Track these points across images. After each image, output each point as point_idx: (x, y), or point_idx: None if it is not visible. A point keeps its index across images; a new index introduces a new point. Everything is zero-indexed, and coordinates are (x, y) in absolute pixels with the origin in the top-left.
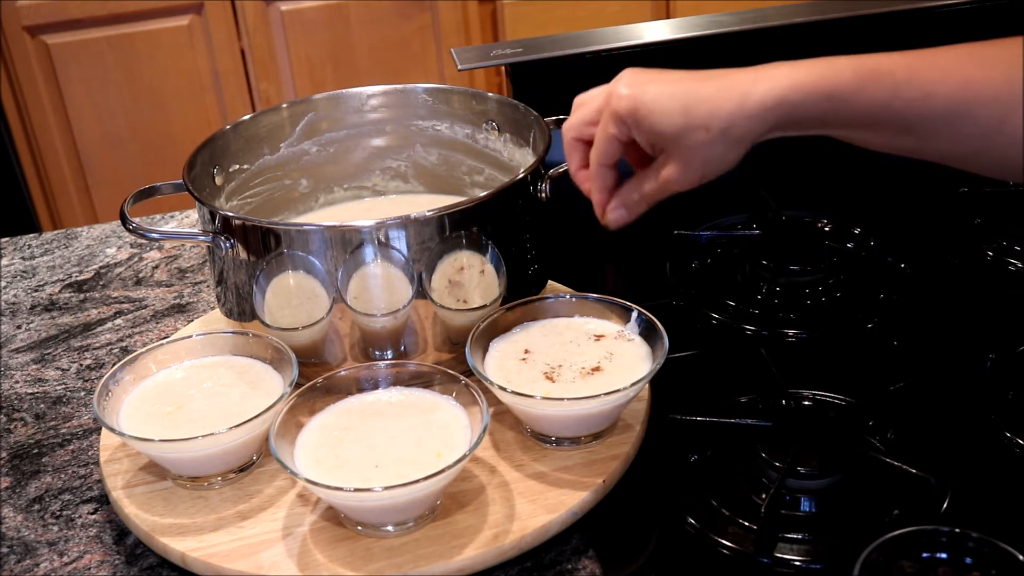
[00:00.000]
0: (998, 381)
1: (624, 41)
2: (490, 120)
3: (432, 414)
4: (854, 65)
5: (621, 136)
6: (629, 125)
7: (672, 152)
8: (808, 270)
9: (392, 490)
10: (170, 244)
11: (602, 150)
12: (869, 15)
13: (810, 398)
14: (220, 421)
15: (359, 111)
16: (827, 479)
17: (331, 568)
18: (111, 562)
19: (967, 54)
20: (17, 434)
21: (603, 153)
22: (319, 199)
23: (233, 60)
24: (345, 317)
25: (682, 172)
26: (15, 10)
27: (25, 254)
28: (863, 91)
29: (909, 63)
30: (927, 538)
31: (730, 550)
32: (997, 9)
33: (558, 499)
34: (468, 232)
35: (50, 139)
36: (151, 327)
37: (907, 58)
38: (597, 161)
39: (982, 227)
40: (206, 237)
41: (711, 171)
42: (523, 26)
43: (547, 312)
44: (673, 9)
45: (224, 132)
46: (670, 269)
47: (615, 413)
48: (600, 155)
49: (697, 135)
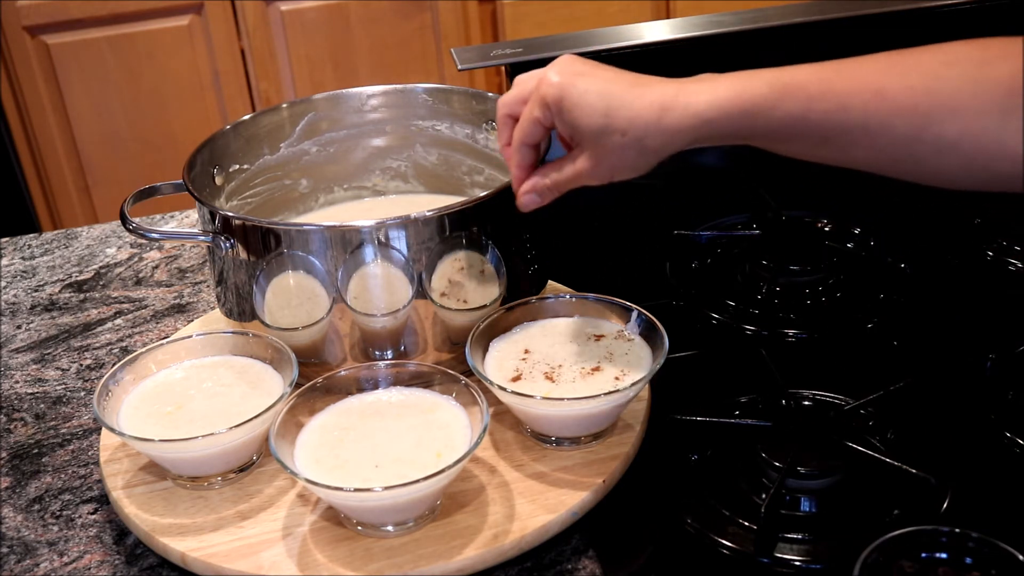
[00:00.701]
0: (998, 381)
1: (624, 41)
2: (490, 120)
3: (432, 414)
4: (769, 80)
5: (544, 121)
6: (553, 113)
7: (587, 147)
8: (808, 270)
9: (392, 490)
10: (170, 244)
11: (525, 130)
12: (869, 15)
13: (810, 398)
14: (220, 421)
15: (359, 111)
16: (827, 479)
17: (331, 568)
18: (111, 562)
19: (885, 64)
20: (17, 434)
21: (525, 133)
22: (319, 199)
23: (233, 60)
24: (345, 317)
25: (593, 168)
26: (15, 10)
27: (25, 254)
28: (778, 106)
29: (824, 76)
30: (927, 538)
31: (730, 550)
32: (997, 9)
33: (558, 499)
34: (468, 232)
35: (50, 139)
36: (151, 327)
37: (823, 71)
38: (519, 139)
39: (982, 227)
40: (206, 237)
41: (621, 173)
42: (523, 26)
43: (547, 312)
44: (673, 9)
45: (224, 132)
46: (670, 269)
47: (615, 413)
48: (522, 134)
49: (613, 138)
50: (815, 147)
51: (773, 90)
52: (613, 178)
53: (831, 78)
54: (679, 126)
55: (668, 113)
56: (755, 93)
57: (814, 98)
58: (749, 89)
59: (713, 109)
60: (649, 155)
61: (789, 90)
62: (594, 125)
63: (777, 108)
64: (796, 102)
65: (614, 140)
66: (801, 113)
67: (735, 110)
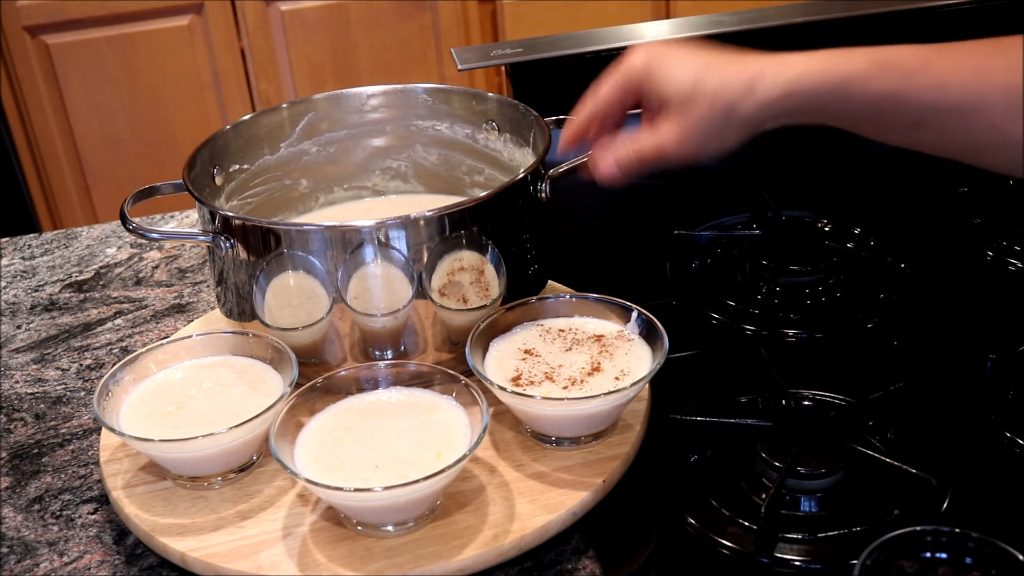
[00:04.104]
0: (998, 381)
1: (624, 41)
2: (490, 120)
3: (432, 414)
4: (866, 54)
5: (627, 88)
6: (639, 80)
7: (675, 118)
8: (808, 270)
9: (392, 490)
10: (170, 244)
11: (602, 93)
12: (869, 15)
13: (810, 398)
14: (220, 421)
15: (359, 111)
16: (827, 479)
17: (331, 568)
18: (111, 562)
19: (983, 45)
20: (17, 434)
21: (601, 97)
22: (319, 199)
23: (233, 60)
24: (345, 317)
25: (678, 139)
26: (15, 10)
27: (25, 254)
28: (873, 80)
29: (923, 54)
30: (927, 538)
31: (730, 550)
32: (997, 9)
33: (558, 499)
34: (468, 232)
35: (50, 139)
36: (151, 327)
37: (923, 50)
38: (592, 100)
39: (982, 227)
40: (206, 237)
41: (707, 146)
42: (523, 26)
43: (547, 312)
44: (673, 9)
45: (224, 132)
46: (670, 269)
47: (615, 413)
48: (598, 98)
49: (701, 106)
50: (909, 130)
51: (869, 63)
52: (699, 152)
53: (930, 56)
54: (769, 96)
55: (759, 82)
56: (850, 66)
57: (911, 74)
58: (844, 61)
59: (806, 78)
60: (737, 126)
61: (887, 64)
62: (682, 91)
63: (872, 82)
64: (892, 77)
65: (702, 108)
66: (897, 89)
67: (828, 82)
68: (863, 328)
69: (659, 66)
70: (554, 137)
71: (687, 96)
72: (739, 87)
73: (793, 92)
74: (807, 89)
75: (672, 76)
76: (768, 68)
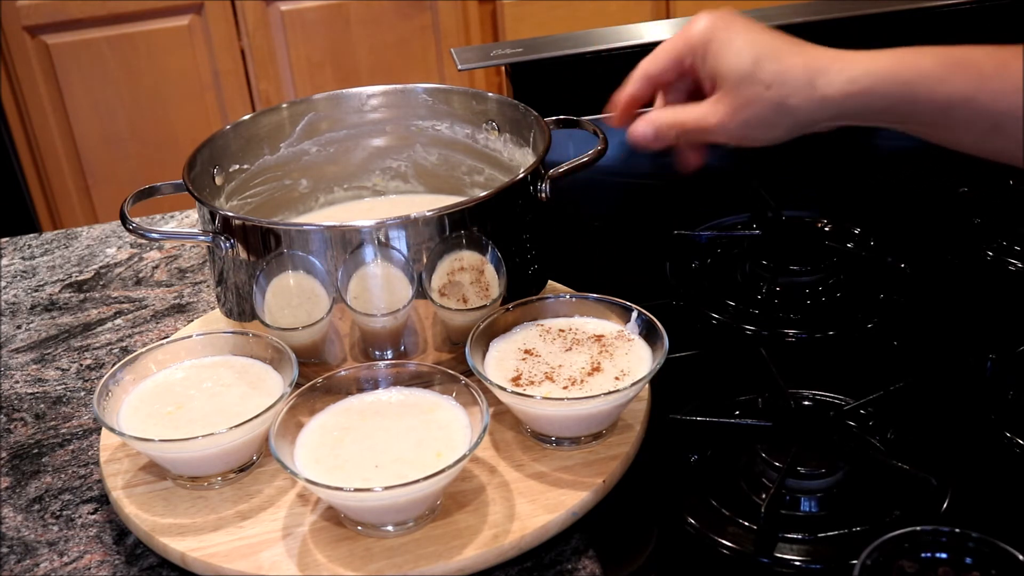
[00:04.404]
0: (998, 381)
1: (624, 41)
2: (490, 120)
3: (432, 414)
4: (937, 53)
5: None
6: (696, 53)
7: (726, 96)
8: (808, 270)
9: (392, 490)
10: (170, 244)
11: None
12: (869, 15)
13: (810, 398)
14: (220, 421)
15: (359, 111)
16: (827, 479)
17: (331, 568)
18: (111, 562)
19: None
20: (17, 434)
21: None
22: (319, 199)
23: (233, 60)
24: (345, 317)
25: (726, 119)
26: (15, 10)
27: (25, 254)
28: (945, 82)
29: (999, 56)
30: (927, 538)
31: (730, 550)
32: (997, 9)
33: (558, 499)
34: (468, 232)
35: (50, 139)
36: (151, 327)
37: (998, 51)
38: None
39: (982, 227)
40: (206, 237)
41: (753, 133)
42: (523, 26)
43: (547, 312)
44: (673, 9)
45: (224, 132)
46: (670, 269)
47: (615, 413)
48: (651, 63)
49: (755, 89)
50: (983, 136)
51: (941, 64)
52: (743, 138)
53: (1007, 58)
54: (828, 91)
55: (820, 75)
56: (919, 65)
57: (986, 77)
58: (913, 61)
59: (870, 76)
60: (789, 119)
61: (959, 65)
62: (739, 70)
63: (944, 84)
64: (966, 79)
65: (756, 91)
66: (970, 93)
67: (895, 82)
68: (863, 328)
69: (720, 39)
70: (554, 137)
71: (742, 76)
72: (798, 79)
73: (855, 91)
74: (871, 89)
75: (731, 52)
76: (831, 63)
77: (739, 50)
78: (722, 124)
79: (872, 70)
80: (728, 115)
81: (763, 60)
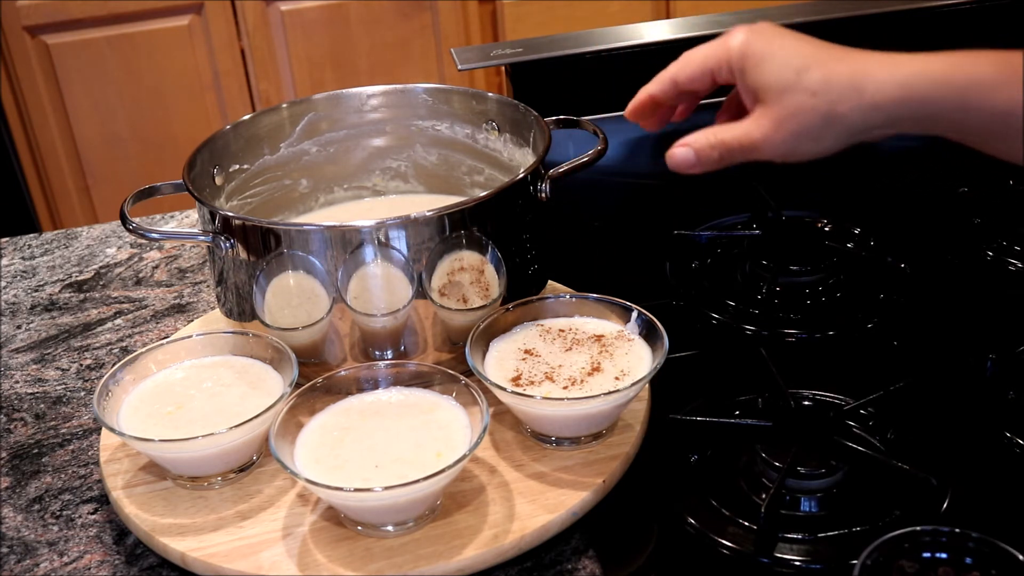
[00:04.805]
0: (998, 381)
1: (624, 41)
2: (490, 120)
3: (432, 414)
4: (993, 59)
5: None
6: (735, 68)
7: (769, 108)
8: (808, 270)
9: (392, 490)
10: (170, 244)
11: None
12: (869, 15)
13: (810, 398)
14: (220, 421)
15: (359, 111)
16: (827, 479)
17: (331, 568)
18: (111, 562)
19: None
20: (17, 434)
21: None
22: (319, 199)
23: (233, 60)
24: (345, 317)
25: (770, 132)
26: (15, 10)
27: (25, 254)
28: (1001, 88)
29: None
30: (927, 538)
31: (730, 550)
32: (997, 9)
33: (558, 499)
34: (468, 232)
35: (50, 139)
36: (151, 327)
37: None
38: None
39: (982, 227)
40: (206, 237)
41: (800, 146)
42: (523, 26)
43: (547, 312)
44: (673, 9)
45: (224, 132)
46: (670, 269)
47: (615, 413)
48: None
49: (800, 98)
50: None
51: (997, 69)
52: (791, 152)
53: None
54: (877, 97)
55: (868, 81)
56: (975, 71)
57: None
58: (967, 65)
59: (921, 80)
60: (837, 128)
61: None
62: (782, 80)
63: (1000, 91)
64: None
65: (801, 101)
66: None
67: (947, 87)
68: (863, 328)
69: (760, 52)
70: (554, 137)
71: (786, 87)
72: (844, 85)
73: (905, 97)
74: (922, 95)
75: (772, 63)
76: (878, 68)
77: (781, 60)
78: (768, 139)
79: (924, 74)
80: (773, 128)
81: (807, 68)
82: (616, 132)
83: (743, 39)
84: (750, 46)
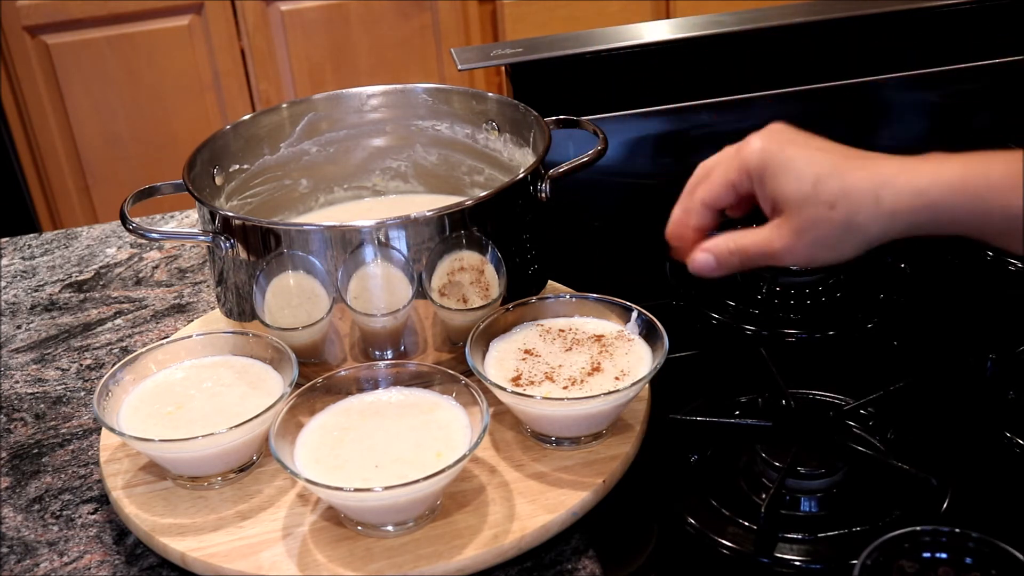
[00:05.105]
0: (998, 381)
1: (624, 41)
2: (490, 120)
3: (432, 414)
4: (1007, 160)
5: (738, 185)
6: (753, 179)
7: (788, 219)
8: (808, 270)
9: (392, 490)
10: (170, 244)
11: (712, 190)
12: (869, 15)
13: (810, 398)
14: (220, 421)
15: (359, 111)
16: (827, 479)
17: (331, 568)
18: (111, 562)
19: None
20: (17, 434)
21: (712, 193)
22: (319, 199)
23: (233, 60)
24: (345, 317)
25: (790, 243)
26: (15, 10)
27: (25, 254)
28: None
29: None
30: (927, 538)
31: (730, 550)
32: (997, 9)
33: (558, 499)
34: (468, 232)
35: (50, 139)
36: (151, 327)
37: None
38: (701, 196)
39: None
40: (206, 237)
41: (821, 255)
42: (523, 26)
43: (547, 312)
44: (673, 9)
45: (224, 132)
46: (670, 269)
47: (615, 413)
48: (707, 193)
49: (819, 210)
50: None
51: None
52: (810, 261)
53: None
54: (896, 206)
55: (886, 189)
56: (989, 174)
57: None
58: (984, 168)
59: (939, 187)
60: (857, 237)
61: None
62: (799, 193)
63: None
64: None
65: (820, 213)
66: None
67: (964, 194)
68: (863, 328)
69: (777, 162)
70: (554, 137)
71: (804, 199)
72: (863, 195)
73: (922, 205)
74: (939, 202)
75: (789, 175)
76: (896, 175)
77: (798, 171)
78: (788, 249)
79: (940, 181)
80: (793, 239)
81: (824, 179)
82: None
83: (760, 149)
84: (767, 156)
